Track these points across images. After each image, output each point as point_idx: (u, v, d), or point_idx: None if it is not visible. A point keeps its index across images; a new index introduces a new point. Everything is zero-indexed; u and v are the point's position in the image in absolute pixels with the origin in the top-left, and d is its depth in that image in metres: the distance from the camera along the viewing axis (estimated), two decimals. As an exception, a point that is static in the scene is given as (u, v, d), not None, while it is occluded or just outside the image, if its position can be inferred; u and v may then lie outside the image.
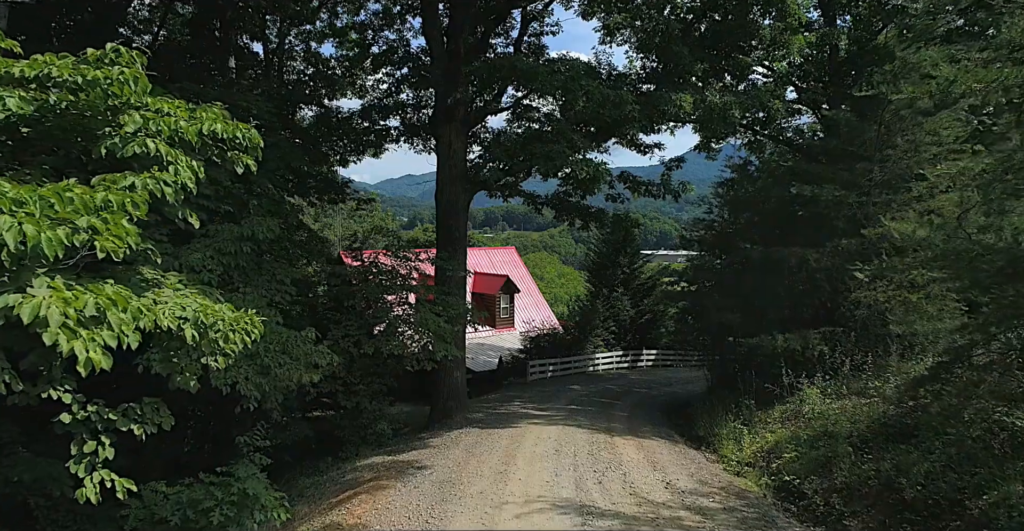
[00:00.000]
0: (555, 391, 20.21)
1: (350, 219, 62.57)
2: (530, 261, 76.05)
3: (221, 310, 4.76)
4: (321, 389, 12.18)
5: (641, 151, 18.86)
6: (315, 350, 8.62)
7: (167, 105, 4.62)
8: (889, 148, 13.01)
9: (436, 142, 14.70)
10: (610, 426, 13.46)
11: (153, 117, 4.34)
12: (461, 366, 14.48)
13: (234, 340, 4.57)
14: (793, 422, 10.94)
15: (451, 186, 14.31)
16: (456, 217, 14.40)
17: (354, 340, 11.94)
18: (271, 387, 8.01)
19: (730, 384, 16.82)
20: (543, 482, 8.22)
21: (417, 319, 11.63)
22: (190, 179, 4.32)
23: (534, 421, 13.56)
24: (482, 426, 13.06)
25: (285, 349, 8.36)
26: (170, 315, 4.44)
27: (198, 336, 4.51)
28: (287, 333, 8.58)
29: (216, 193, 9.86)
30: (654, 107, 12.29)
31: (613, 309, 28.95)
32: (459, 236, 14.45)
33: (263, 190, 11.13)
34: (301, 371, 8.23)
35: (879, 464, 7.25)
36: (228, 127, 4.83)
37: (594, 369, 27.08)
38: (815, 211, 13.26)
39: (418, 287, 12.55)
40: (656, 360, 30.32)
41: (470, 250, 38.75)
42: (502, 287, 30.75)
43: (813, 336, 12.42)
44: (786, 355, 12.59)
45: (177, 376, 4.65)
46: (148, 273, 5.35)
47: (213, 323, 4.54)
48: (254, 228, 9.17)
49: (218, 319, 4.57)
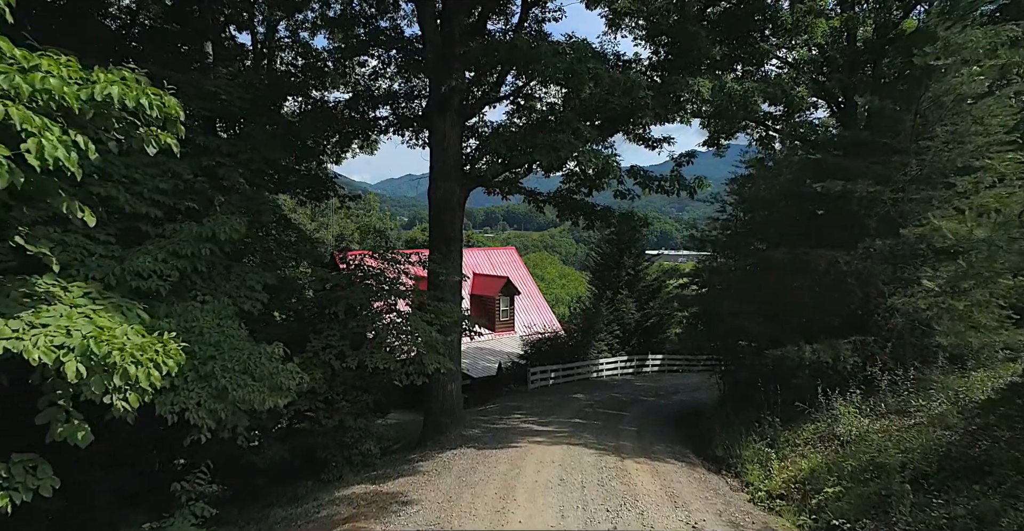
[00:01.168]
0: (558, 401, 19.03)
1: (347, 219, 61.33)
2: (530, 261, 74.98)
3: (124, 335, 3.57)
4: (299, 406, 11.04)
5: (649, 145, 17.67)
6: (282, 369, 7.44)
7: (47, 62, 3.44)
8: (927, 139, 11.82)
9: (429, 133, 13.51)
10: (619, 445, 12.27)
11: (6, 70, 3.16)
12: (456, 378, 13.30)
13: (136, 375, 3.38)
14: (827, 445, 9.75)
15: (445, 181, 13.12)
16: (450, 215, 13.21)
17: (336, 352, 10.75)
18: (228, 414, 6.83)
19: (745, 395, 15.65)
20: (547, 525, 7.03)
21: (405, 329, 10.45)
22: (66, 158, 3.13)
23: (535, 439, 12.38)
24: (478, 445, 11.87)
25: (247, 368, 7.18)
26: (45, 344, 3.25)
27: (85, 371, 3.32)
28: (250, 349, 7.40)
29: (175, 187, 8.73)
30: (668, 94, 11.10)
31: (617, 312, 27.76)
32: (454, 236, 13.25)
33: (234, 185, 9.95)
34: (265, 394, 7.04)
35: (951, 509, 6.06)
36: (130, 92, 3.63)
37: (598, 375, 25.92)
38: (845, 209, 12.07)
39: (407, 292, 11.36)
40: (662, 365, 29.15)
41: (468, 250, 37.58)
42: (502, 289, 29.60)
43: (844, 347, 11.22)
44: (813, 368, 11.41)
45: (59, 425, 3.46)
46: (43, 284, 4.17)
47: (107, 353, 3.36)
48: (215, 228, 7.98)
49: (114, 348, 3.39)
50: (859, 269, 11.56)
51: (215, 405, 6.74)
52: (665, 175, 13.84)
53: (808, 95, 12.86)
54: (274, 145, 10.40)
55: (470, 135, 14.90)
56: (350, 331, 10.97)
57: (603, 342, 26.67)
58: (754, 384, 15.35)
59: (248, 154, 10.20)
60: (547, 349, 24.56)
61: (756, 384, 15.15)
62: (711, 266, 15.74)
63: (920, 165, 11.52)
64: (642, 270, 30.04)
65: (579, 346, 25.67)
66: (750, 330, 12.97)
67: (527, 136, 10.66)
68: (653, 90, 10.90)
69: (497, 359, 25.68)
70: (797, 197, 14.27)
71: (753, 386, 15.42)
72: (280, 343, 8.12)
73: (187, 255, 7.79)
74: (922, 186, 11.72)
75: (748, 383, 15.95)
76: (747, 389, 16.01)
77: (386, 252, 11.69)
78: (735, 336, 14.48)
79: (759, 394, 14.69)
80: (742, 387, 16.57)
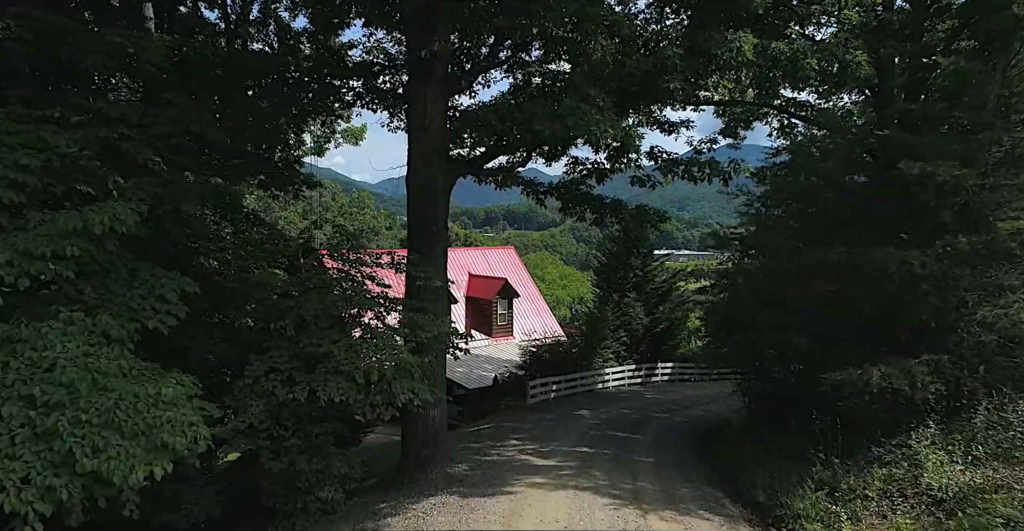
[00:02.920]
0: (560, 420, 16.78)
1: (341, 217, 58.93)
2: (530, 261, 72.89)
3: None
4: (234, 447, 8.81)
5: (666, 130, 15.47)
6: (168, 419, 5.20)
7: None
8: (1018, 112, 9.59)
9: (407, 108, 11.27)
10: (637, 487, 10.03)
11: None
12: (440, 403, 11.05)
13: None
14: (917, 503, 7.50)
15: (425, 165, 10.88)
16: (432, 206, 10.95)
17: (283, 377, 8.53)
18: (77, 492, 4.59)
19: (775, 415, 13.39)
20: None
21: (367, 349, 8.21)
22: None
23: (535, 480, 10.14)
24: (464, 490, 9.64)
25: (112, 420, 4.93)
26: None
27: None
28: (122, 390, 5.16)
29: (47, 165, 6.49)
30: (701, 53, 8.84)
31: (625, 317, 25.46)
32: (436, 231, 10.99)
33: (149, 163, 7.69)
34: (135, 459, 4.80)
35: None
36: None
37: (604, 386, 23.66)
38: (914, 199, 9.82)
39: (375, 301, 9.10)
40: (672, 374, 26.88)
41: (464, 250, 35.28)
42: (499, 291, 27.40)
43: (918, 369, 8.97)
44: (882, 395, 9.18)
45: None
46: None
47: None
48: (87, 218, 5.73)
49: None
50: (935, 272, 9.31)
51: (54, 480, 4.49)
52: (691, 158, 11.54)
53: (867, 61, 10.58)
54: (198, 117, 8.13)
55: (457, 113, 12.62)
56: (302, 350, 8.73)
57: (609, 350, 24.36)
58: (786, 403, 13.15)
59: (167, 126, 7.95)
60: (548, 358, 22.28)
61: (789, 403, 12.94)
62: (742, 268, 13.41)
63: (1014, 143, 9.27)
64: (651, 271, 27.75)
65: (583, 354, 23.39)
66: (796, 346, 10.70)
67: (524, 105, 8.41)
68: (682, 47, 8.64)
69: (494, 367, 23.47)
70: (844, 187, 12.04)
71: (785, 404, 13.21)
72: (181, 378, 5.90)
73: (44, 256, 5.52)
74: (1013, 169, 9.48)
75: (778, 400, 13.72)
76: (776, 407, 13.78)
77: (347, 251, 9.44)
78: (774, 353, 12.22)
79: (793, 415, 12.52)
80: (771, 405, 14.34)
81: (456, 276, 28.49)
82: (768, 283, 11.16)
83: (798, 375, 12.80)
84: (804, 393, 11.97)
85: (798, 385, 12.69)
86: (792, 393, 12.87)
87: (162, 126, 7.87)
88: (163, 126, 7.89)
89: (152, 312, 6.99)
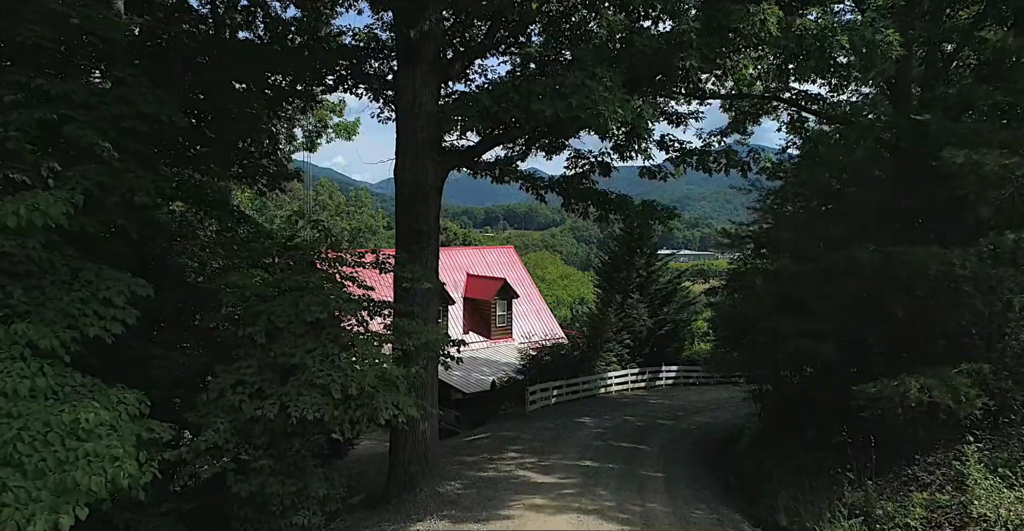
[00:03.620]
0: (561, 428, 15.87)
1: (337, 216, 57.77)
2: (530, 261, 71.97)
3: None
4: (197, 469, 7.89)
5: (673, 121, 14.51)
6: (93, 450, 4.28)
7: None
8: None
9: (395, 94, 10.36)
10: (647, 509, 9.12)
11: None
12: (430, 416, 10.14)
13: None
14: None
15: (415, 157, 9.97)
16: (422, 202, 10.03)
17: (252, 390, 7.60)
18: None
19: (794, 429, 12.47)
20: None
21: (346, 358, 7.29)
22: None
23: (534, 501, 9.22)
24: (456, 512, 8.73)
25: (10, 455, 4.01)
26: None
27: None
28: (29, 417, 4.24)
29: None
30: (720, 29, 7.92)
31: (628, 318, 24.57)
32: (426, 230, 10.07)
33: (97, 149, 6.76)
34: (37, 507, 3.88)
35: None
36: None
37: (606, 391, 22.77)
38: (948, 193, 8.90)
39: (356, 304, 8.16)
40: (677, 377, 25.96)
41: (462, 249, 34.31)
42: (498, 292, 26.43)
43: (961, 381, 8.04)
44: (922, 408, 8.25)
45: None
46: None
47: None
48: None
49: None
50: (978, 273, 8.38)
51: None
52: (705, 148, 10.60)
53: (900, 42, 9.64)
54: (152, 97, 7.18)
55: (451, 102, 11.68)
56: (274, 360, 7.80)
57: (611, 353, 23.45)
58: (804, 412, 12.22)
59: (117, 107, 7.01)
60: (548, 362, 21.35)
61: (807, 412, 12.02)
62: (759, 269, 12.44)
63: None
64: (655, 271, 26.83)
65: (585, 357, 22.47)
66: (821, 355, 9.77)
67: (522, 84, 7.48)
68: (699, 21, 7.72)
69: (493, 370, 22.55)
70: (870, 182, 11.13)
71: (802, 413, 12.28)
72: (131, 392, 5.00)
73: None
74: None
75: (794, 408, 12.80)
76: (792, 415, 12.86)
77: (327, 251, 8.52)
78: (795, 361, 11.28)
79: (812, 426, 11.61)
80: (786, 414, 13.41)
81: (454, 276, 27.59)
82: (789, 285, 10.21)
83: (817, 382, 11.88)
84: (823, 402, 11.06)
85: (817, 393, 11.76)
86: (809, 401, 11.95)
87: (112, 107, 6.94)
88: (113, 107, 6.96)
89: (95, 318, 6.08)
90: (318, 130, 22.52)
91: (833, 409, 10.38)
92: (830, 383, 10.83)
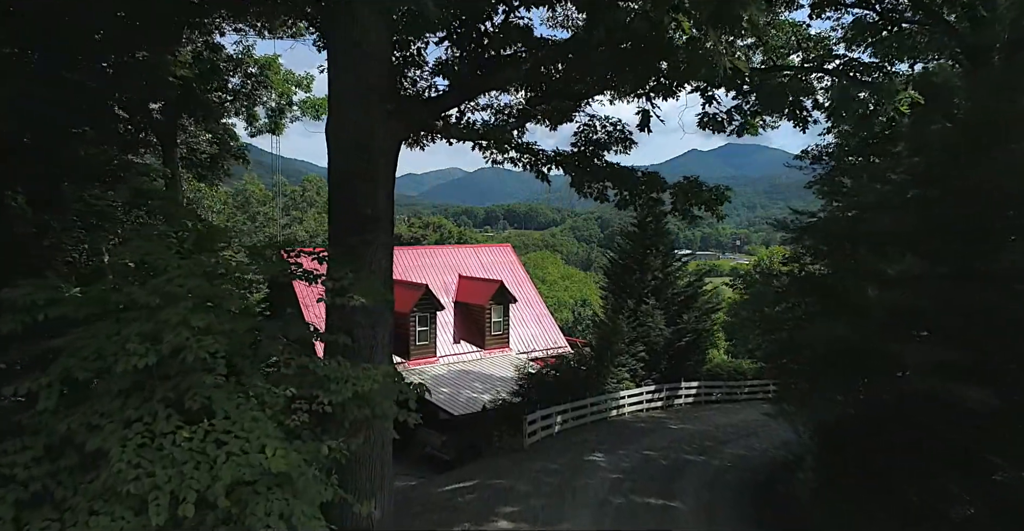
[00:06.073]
0: (568, 473, 12.60)
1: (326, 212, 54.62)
2: (530, 261, 68.73)
3: None
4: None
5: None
6: None
7: None
8: None
9: (328, 16, 7.08)
10: None
11: None
12: (384, 501, 6.83)
13: None
14: None
15: (355, 108, 6.69)
16: (367, 174, 6.73)
17: (26, 496, 4.30)
18: None
19: (873, 473, 9.13)
20: None
21: (192, 444, 4.01)
22: None
23: None
24: None
25: None
26: None
27: None
28: None
29: None
30: None
31: (642, 327, 21.27)
32: (372, 215, 6.73)
33: None
34: None
35: None
36: None
37: (619, 413, 19.48)
38: None
39: (225, 336, 4.90)
40: (698, 395, 22.68)
41: (455, 247, 30.64)
42: (494, 295, 23.02)
43: None
44: None
45: None
46: None
47: None
48: None
49: None
50: None
51: None
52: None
53: None
54: None
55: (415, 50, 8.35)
56: (68, 439, 4.51)
57: (624, 368, 20.15)
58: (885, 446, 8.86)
59: None
60: (550, 380, 18.07)
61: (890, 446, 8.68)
62: (860, 269, 8.64)
63: None
64: (672, 272, 23.54)
65: (592, 373, 19.18)
66: (967, 401, 6.44)
67: None
68: None
69: (485, 387, 19.25)
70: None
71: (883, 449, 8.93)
72: None
73: None
74: None
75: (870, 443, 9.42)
76: (866, 451, 9.48)
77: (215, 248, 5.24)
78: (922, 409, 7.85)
79: (904, 470, 8.34)
80: (856, 448, 10.02)
81: (444, 278, 24.30)
82: (912, 296, 6.86)
83: (921, 412, 8.55)
84: (934, 446, 7.77)
85: (907, 418, 8.38)
86: (907, 440, 8.60)
87: None
88: None
89: None
90: (280, 108, 19.27)
91: (949, 458, 7.12)
92: (950, 419, 7.52)
